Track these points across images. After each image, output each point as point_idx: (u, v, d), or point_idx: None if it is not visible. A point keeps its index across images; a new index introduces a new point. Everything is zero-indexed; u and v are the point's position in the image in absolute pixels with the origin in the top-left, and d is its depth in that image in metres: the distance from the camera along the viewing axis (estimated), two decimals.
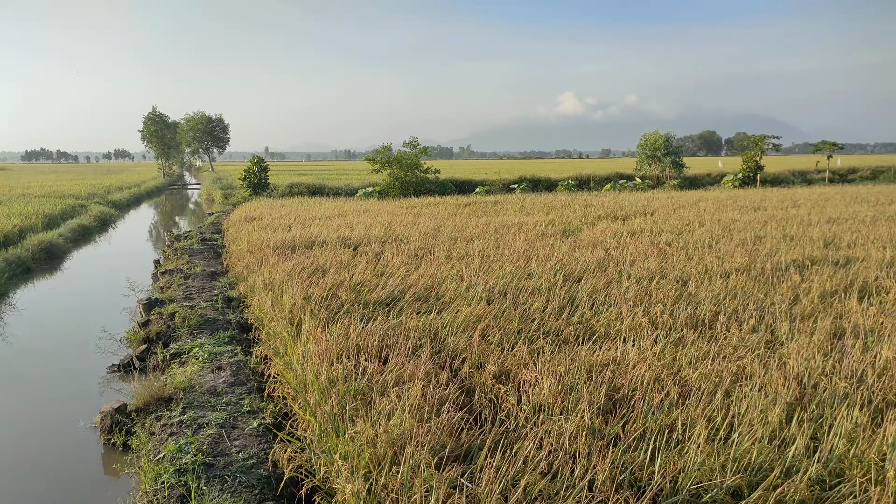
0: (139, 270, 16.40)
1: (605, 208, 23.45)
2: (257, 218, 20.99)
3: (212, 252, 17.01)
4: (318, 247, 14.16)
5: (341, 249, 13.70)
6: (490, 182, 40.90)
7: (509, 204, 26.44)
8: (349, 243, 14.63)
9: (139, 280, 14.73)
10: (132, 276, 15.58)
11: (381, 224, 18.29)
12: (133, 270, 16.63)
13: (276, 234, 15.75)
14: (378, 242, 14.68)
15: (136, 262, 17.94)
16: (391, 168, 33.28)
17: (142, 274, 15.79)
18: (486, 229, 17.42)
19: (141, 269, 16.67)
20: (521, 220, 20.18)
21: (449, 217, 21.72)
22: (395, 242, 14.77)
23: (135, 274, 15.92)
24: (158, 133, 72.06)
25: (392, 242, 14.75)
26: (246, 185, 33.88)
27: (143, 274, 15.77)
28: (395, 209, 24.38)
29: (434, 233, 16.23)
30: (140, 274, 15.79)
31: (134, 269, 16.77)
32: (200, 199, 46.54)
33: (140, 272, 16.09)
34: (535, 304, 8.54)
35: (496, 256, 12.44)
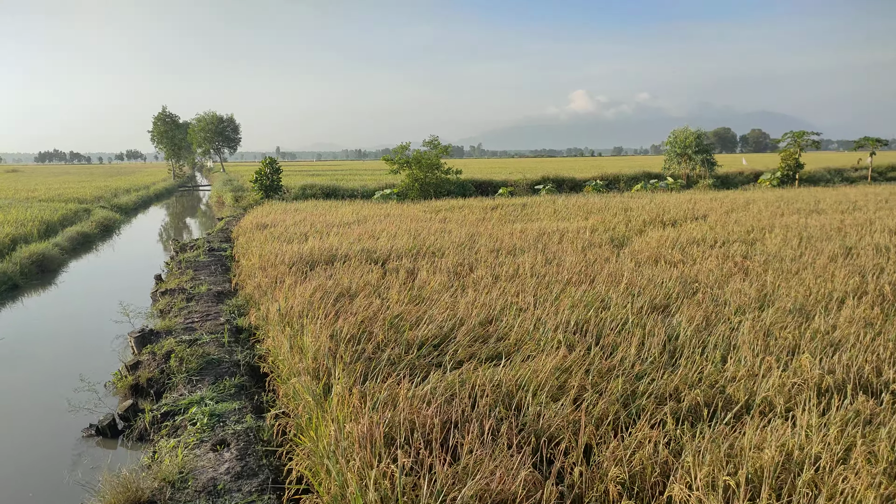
0: (138, 287, 14.63)
1: (647, 212, 21.45)
2: (270, 225, 19.20)
3: (219, 265, 15.21)
4: (339, 262, 12.32)
5: (367, 266, 11.86)
6: (512, 182, 38.93)
7: (540, 207, 24.50)
8: (375, 257, 12.78)
9: (136, 301, 12.96)
10: (130, 295, 13.84)
11: (407, 232, 16.43)
12: (131, 287, 14.89)
13: (291, 247, 13.93)
14: (408, 256, 12.81)
15: (135, 277, 16.19)
16: (410, 169, 31.42)
17: (141, 291, 14.02)
18: (524, 238, 15.51)
19: (140, 284, 14.91)
20: (559, 226, 18.25)
21: (478, 223, 19.84)
22: (427, 256, 12.89)
23: (132, 292, 14.18)
24: (168, 133, 70.66)
25: (424, 256, 12.88)
26: (258, 188, 32.16)
27: (142, 291, 14.00)
28: (419, 214, 22.51)
29: (469, 243, 14.34)
30: (139, 292, 14.02)
31: (132, 286, 15.02)
32: (211, 201, 44.94)
33: (139, 289, 14.32)
34: (628, 347, 6.63)
35: (552, 275, 10.52)
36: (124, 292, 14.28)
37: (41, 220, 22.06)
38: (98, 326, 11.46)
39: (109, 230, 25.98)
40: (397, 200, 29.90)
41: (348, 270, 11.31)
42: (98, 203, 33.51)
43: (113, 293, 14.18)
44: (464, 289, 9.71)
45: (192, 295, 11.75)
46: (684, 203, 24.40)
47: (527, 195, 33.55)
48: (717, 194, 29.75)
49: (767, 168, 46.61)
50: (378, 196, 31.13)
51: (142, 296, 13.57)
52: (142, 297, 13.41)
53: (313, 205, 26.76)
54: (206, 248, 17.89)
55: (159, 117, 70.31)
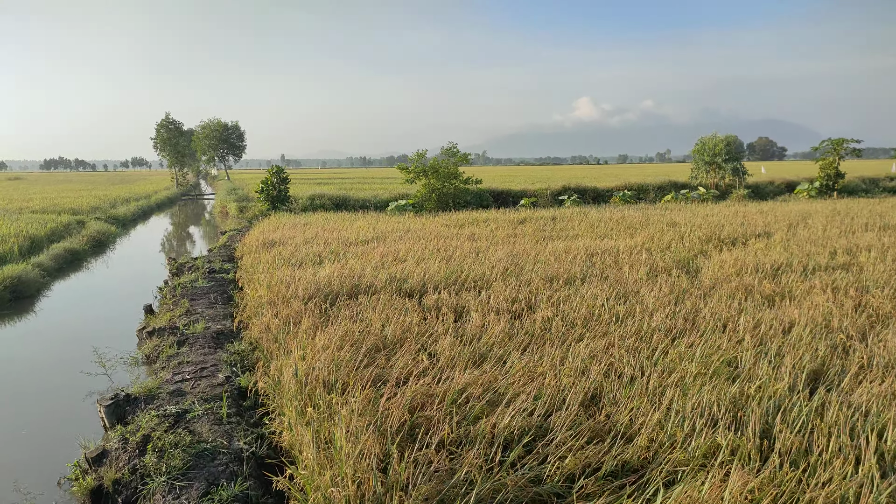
0: (125, 319, 12.47)
1: (697, 227, 19.23)
2: (278, 243, 17.04)
3: (220, 294, 13.04)
4: (365, 295, 10.14)
5: (399, 300, 9.68)
6: (534, 192, 36.75)
7: (572, 221, 22.30)
8: (407, 288, 10.58)
9: (119, 340, 10.80)
10: (113, 331, 11.68)
11: (436, 253, 14.26)
12: (116, 319, 12.72)
13: (304, 272, 11.75)
14: (447, 288, 10.61)
15: (122, 306, 14.02)
16: (427, 178, 29.28)
17: (127, 325, 11.85)
18: (573, 260, 13.33)
19: (127, 315, 12.75)
20: (605, 244, 16.05)
21: (510, 240, 17.66)
22: (469, 287, 10.70)
23: (117, 326, 12.02)
24: (172, 141, 68.79)
25: (466, 287, 10.68)
26: (264, 199, 30.05)
27: (128, 325, 11.84)
28: (441, 229, 20.34)
29: (514, 268, 12.14)
30: (124, 326, 11.86)
31: (118, 317, 12.85)
32: (214, 211, 42.92)
33: (125, 322, 12.15)
34: (833, 469, 4.42)
35: (638, 319, 8.30)
36: (107, 328, 12.13)
37: (26, 236, 19.96)
38: (65, 381, 9.26)
39: (102, 245, 23.86)
40: (413, 212, 27.74)
41: (377, 307, 9.13)
42: (94, 214, 31.47)
43: (93, 329, 12.05)
44: (534, 339, 7.51)
45: (184, 337, 9.56)
46: (732, 217, 22.16)
47: (551, 206, 31.37)
48: (760, 206, 27.49)
49: (785, 178, 44.26)
50: (393, 207, 29.00)
51: (127, 332, 11.40)
52: (126, 335, 11.24)
53: (324, 217, 24.61)
54: (206, 269, 15.73)
55: (162, 124, 68.50)
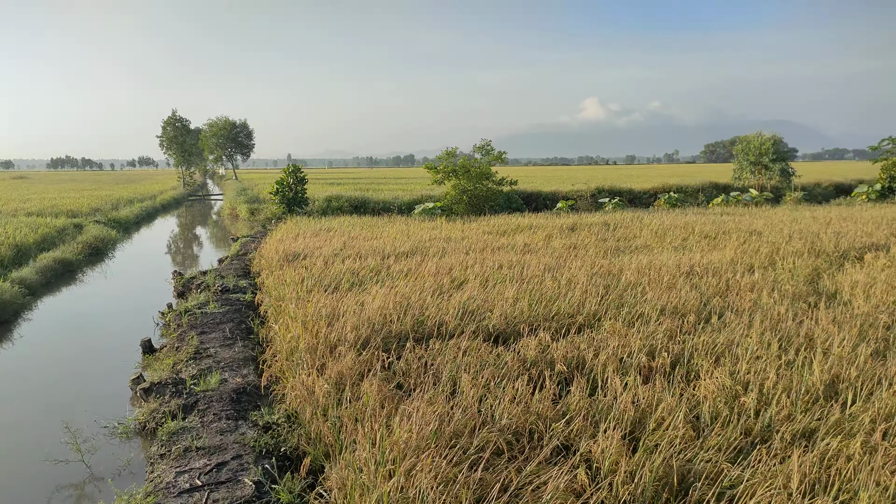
0: (114, 364, 9.85)
1: (787, 237, 16.50)
2: (303, 255, 14.42)
3: (237, 323, 10.41)
4: (437, 338, 7.52)
5: (485, 347, 7.05)
6: (565, 194, 34.05)
7: (630, 227, 19.60)
8: (489, 328, 7.93)
9: (103, 400, 8.19)
10: (95, 386, 9.07)
11: (499, 271, 11.62)
12: (103, 364, 10.08)
13: (346, 300, 9.11)
14: (542, 326, 7.95)
15: (114, 340, 11.39)
16: (457, 178, 26.62)
17: (116, 375, 9.23)
18: (676, 283, 10.67)
19: (119, 356, 10.15)
20: (693, 258, 13.39)
21: (569, 251, 15.03)
22: (569, 325, 8.05)
23: (102, 379, 9.40)
24: (178, 139, 66.31)
25: (566, 326, 8.03)
26: (279, 200, 27.44)
27: (117, 375, 9.22)
28: (485, 237, 17.70)
29: (614, 295, 9.45)
30: (112, 376, 9.24)
31: (105, 361, 10.22)
32: (223, 213, 40.37)
33: (113, 370, 9.54)
34: None
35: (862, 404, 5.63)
36: (91, 375, 9.51)
37: (11, 244, 17.41)
38: (16, 481, 6.63)
39: (100, 254, 21.28)
40: (443, 217, 25.09)
41: (462, 361, 6.50)
42: (94, 217, 28.95)
43: (71, 377, 9.42)
44: (736, 450, 4.84)
45: (193, 399, 6.93)
46: (814, 225, 19.39)
47: (591, 210, 28.66)
48: (831, 211, 24.67)
49: (832, 179, 41.35)
50: (419, 211, 26.36)
51: (117, 381, 8.78)
52: (116, 386, 8.62)
53: (348, 223, 21.98)
54: (218, 287, 13.12)
55: (168, 121, 66.06)
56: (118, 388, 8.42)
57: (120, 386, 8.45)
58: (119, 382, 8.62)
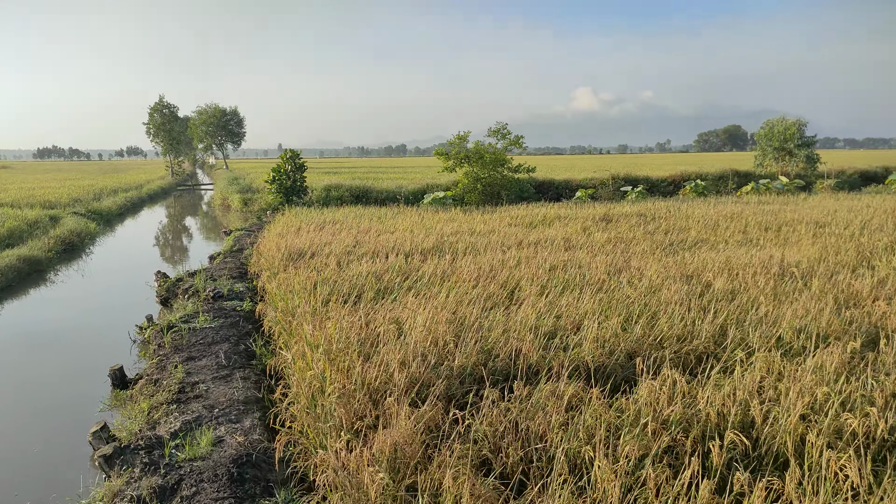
0: (75, 398, 7.65)
1: (857, 228, 14.46)
2: (309, 252, 12.21)
3: (234, 344, 8.21)
4: (523, 380, 5.36)
5: (595, 395, 4.90)
6: (580, 182, 31.95)
7: (668, 219, 17.49)
8: (587, 362, 5.77)
9: (57, 456, 6.01)
10: (44, 444, 6.89)
11: (550, 273, 9.50)
12: (60, 399, 7.85)
13: (379, 318, 6.94)
14: (654, 357, 5.81)
15: (76, 365, 9.17)
16: (469, 165, 24.41)
17: (75, 414, 7.04)
18: (772, 286, 8.60)
19: (81, 388, 7.95)
20: (771, 255, 11.31)
21: (613, 246, 12.94)
22: (690, 354, 5.93)
23: (56, 421, 7.18)
24: (166, 126, 63.55)
25: (687, 355, 5.91)
26: (276, 190, 25.13)
27: (76, 414, 7.03)
28: (512, 230, 15.57)
29: (728, 311, 7.31)
30: (70, 418, 7.04)
31: (64, 396, 7.98)
32: (214, 203, 37.99)
33: (72, 409, 7.34)
34: None
35: None
36: (44, 416, 7.30)
37: None
38: None
39: (75, 249, 18.95)
40: (456, 207, 22.91)
41: (580, 429, 4.36)
42: (73, 208, 26.55)
43: (17, 423, 7.20)
44: None
45: (175, 475, 4.75)
46: (878, 216, 17.34)
47: (613, 199, 26.54)
48: (874, 200, 22.63)
49: (855, 166, 39.26)
50: (429, 200, 24.13)
51: (76, 427, 6.59)
52: (75, 433, 6.43)
53: (354, 214, 19.75)
54: (210, 293, 10.91)
55: (155, 108, 63.30)
56: (76, 441, 6.24)
57: (78, 438, 6.26)
58: (77, 431, 6.42)
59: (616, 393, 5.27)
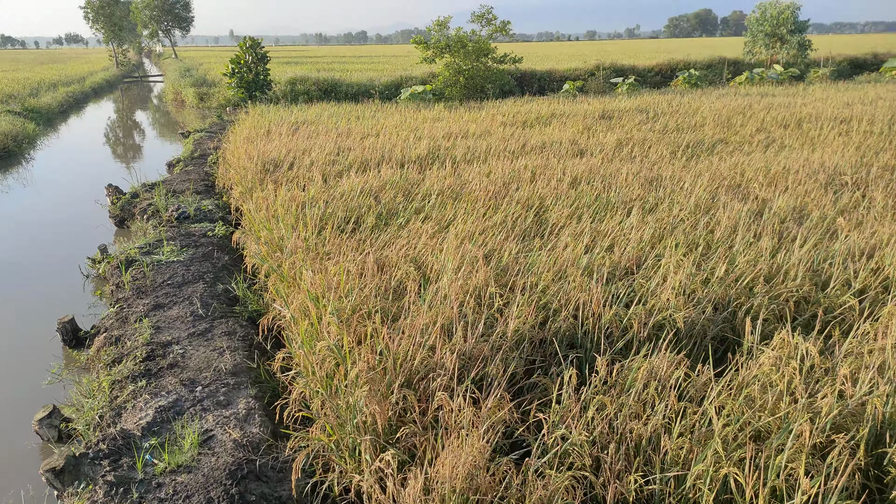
0: (14, 362, 6.26)
1: (888, 125, 13.30)
2: (285, 162, 10.55)
3: (211, 283, 6.77)
4: (572, 348, 4.15)
5: (673, 365, 3.75)
6: (563, 73, 29.92)
7: (674, 115, 16.07)
8: (673, 320, 4.56)
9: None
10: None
11: (600, 197, 8.17)
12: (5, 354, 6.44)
13: (393, 256, 5.59)
14: (761, 313, 4.64)
15: (17, 314, 7.69)
16: (450, 56, 22.20)
17: (17, 386, 5.68)
18: (822, 202, 7.51)
19: (23, 346, 6.55)
20: (807, 158, 10.14)
21: (632, 149, 11.60)
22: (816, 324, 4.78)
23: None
24: (106, 10, 57.63)
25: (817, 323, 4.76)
26: (236, 84, 22.63)
27: (18, 387, 5.67)
28: (505, 130, 14.04)
29: (821, 246, 6.15)
30: (8, 392, 5.67)
31: (3, 367, 6.55)
32: (165, 98, 34.84)
33: (14, 378, 5.95)
34: None
35: None
36: None
37: None
38: None
39: (11, 156, 16.74)
40: (439, 103, 21.01)
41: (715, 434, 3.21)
42: (6, 106, 23.69)
43: None
44: None
45: (153, 498, 3.52)
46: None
47: (603, 91, 24.79)
48: (885, 91, 21.40)
49: (844, 53, 37.61)
50: (407, 96, 22.08)
51: (17, 407, 5.26)
52: (15, 413, 5.11)
53: (327, 113, 17.77)
54: (173, 212, 9.31)
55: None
56: (17, 426, 4.93)
57: (21, 422, 4.94)
58: (19, 411, 5.10)
59: (720, 366, 4.13)
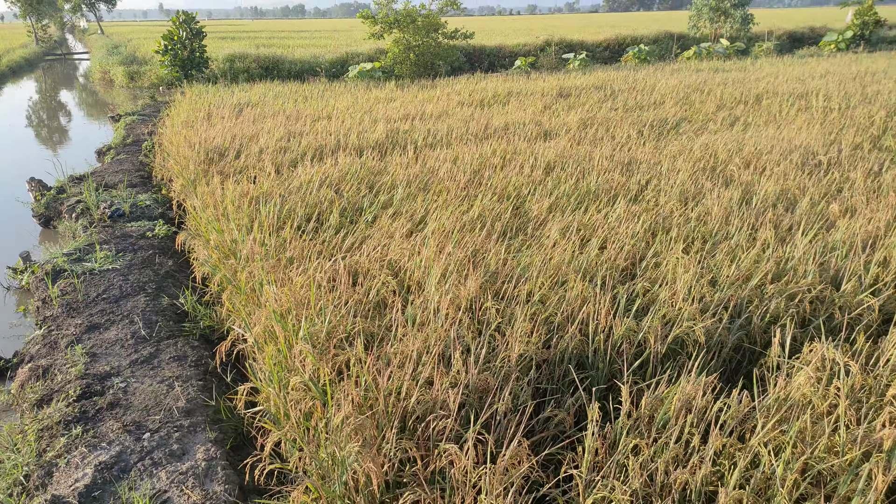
0: None
1: (845, 100, 13.31)
2: (231, 150, 9.66)
3: (154, 295, 5.96)
4: (580, 368, 3.65)
5: (700, 390, 3.30)
6: (512, 49, 29.37)
7: (631, 91, 15.79)
8: (674, 336, 4.11)
9: None
10: None
11: (576, 186, 7.71)
12: None
13: (367, 263, 4.96)
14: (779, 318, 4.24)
15: None
16: (399, 31, 21.29)
17: None
18: (805, 185, 7.29)
19: None
20: (775, 136, 9.97)
21: (597, 131, 11.18)
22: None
23: None
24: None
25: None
26: (170, 62, 21.10)
27: None
28: (463, 110, 13.44)
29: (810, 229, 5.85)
30: None
31: None
32: (92, 77, 32.53)
33: None
34: None
35: None
36: None
37: None
38: None
39: None
40: (390, 81, 20.16)
41: None
42: None
43: None
44: None
45: None
46: (845, 84, 16.31)
47: (556, 68, 24.35)
48: (836, 64, 21.67)
49: (783, 27, 38.36)
50: (355, 74, 21.09)
51: None
52: None
53: (271, 93, 16.71)
54: (106, 209, 8.36)
55: None
56: None
57: None
58: None
59: (738, 382, 3.71)
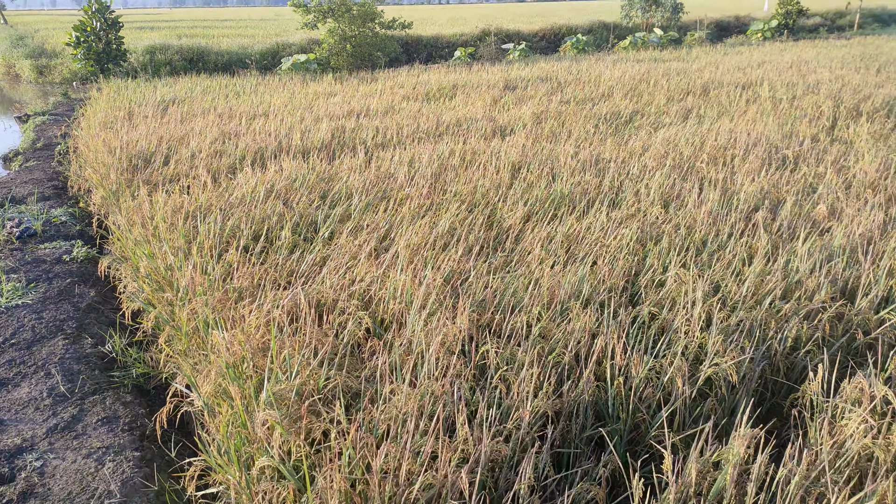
0: None
1: (791, 89, 13.40)
2: (158, 156, 8.66)
3: (75, 337, 5.04)
4: (591, 422, 3.12)
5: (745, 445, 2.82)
6: (449, 39, 28.78)
7: (577, 84, 15.51)
8: (703, 377, 3.64)
9: None
10: None
11: (543, 187, 7.19)
12: None
13: (330, 292, 4.27)
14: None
15: None
16: (334, 21, 20.31)
17: None
18: (776, 183, 7.06)
19: None
20: (731, 129, 9.81)
21: (550, 125, 10.76)
22: None
23: None
24: None
25: None
26: (83, 56, 19.35)
27: None
28: (409, 105, 12.77)
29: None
30: None
31: None
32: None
33: None
34: None
35: None
36: None
37: None
38: None
39: None
40: (327, 73, 19.21)
41: None
42: None
43: None
44: None
45: None
46: (786, 73, 16.55)
47: (496, 58, 23.91)
48: (767, 52, 22.11)
49: (710, 16, 39.34)
50: (289, 66, 20.00)
51: None
52: None
53: (199, 88, 15.51)
54: (14, 228, 7.26)
55: None
56: None
57: None
58: None
59: (772, 423, 3.26)
